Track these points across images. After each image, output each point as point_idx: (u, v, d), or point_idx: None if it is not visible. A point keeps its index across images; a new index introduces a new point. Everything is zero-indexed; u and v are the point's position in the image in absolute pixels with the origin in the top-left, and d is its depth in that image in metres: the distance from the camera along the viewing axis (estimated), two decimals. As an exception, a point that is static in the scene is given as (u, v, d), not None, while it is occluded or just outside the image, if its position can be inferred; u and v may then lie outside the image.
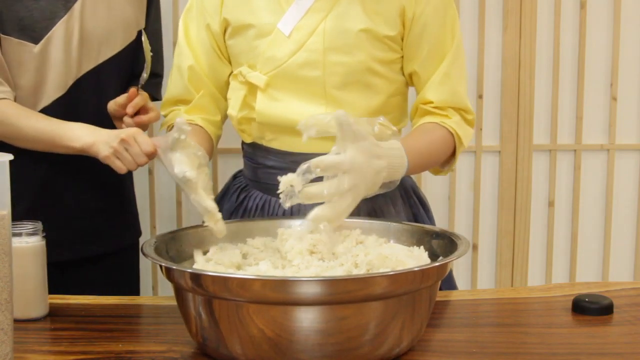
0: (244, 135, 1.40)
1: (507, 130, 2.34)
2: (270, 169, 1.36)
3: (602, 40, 2.35)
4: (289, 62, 1.29)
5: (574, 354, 0.97)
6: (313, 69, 1.29)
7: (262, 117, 1.33)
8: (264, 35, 1.31)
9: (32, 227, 1.12)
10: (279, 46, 1.30)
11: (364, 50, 1.29)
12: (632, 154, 2.42)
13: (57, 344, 1.03)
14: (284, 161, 1.34)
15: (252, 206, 1.40)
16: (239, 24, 1.33)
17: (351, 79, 1.30)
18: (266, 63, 1.31)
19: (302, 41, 1.29)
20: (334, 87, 1.30)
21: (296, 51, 1.29)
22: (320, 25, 1.28)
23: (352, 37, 1.28)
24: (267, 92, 1.32)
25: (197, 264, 1.06)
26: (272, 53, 1.30)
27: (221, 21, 1.36)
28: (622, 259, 2.45)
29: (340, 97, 1.30)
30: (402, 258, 1.01)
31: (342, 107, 1.28)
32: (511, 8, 2.30)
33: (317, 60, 1.29)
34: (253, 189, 1.42)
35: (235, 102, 1.36)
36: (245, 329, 0.89)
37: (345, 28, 1.28)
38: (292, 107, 1.31)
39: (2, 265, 0.87)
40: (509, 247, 2.39)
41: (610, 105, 2.38)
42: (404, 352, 0.96)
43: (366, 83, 1.31)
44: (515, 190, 2.36)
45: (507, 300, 1.22)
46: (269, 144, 1.36)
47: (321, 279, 0.87)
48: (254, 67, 1.32)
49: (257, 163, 1.40)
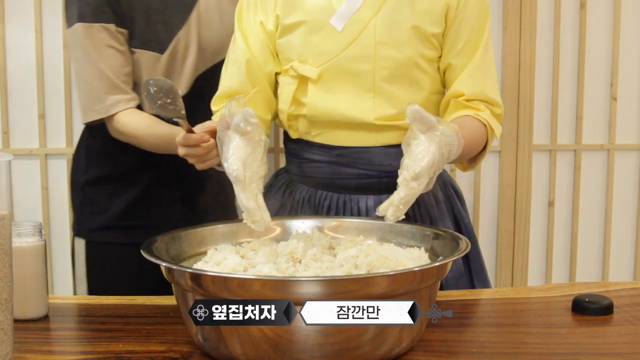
0: (290, 131, 1.44)
1: (507, 130, 2.34)
2: (316, 162, 1.41)
3: (602, 40, 2.35)
4: (341, 55, 1.34)
5: (574, 354, 0.97)
6: (364, 63, 1.33)
7: (313, 109, 1.37)
8: (316, 31, 1.35)
9: (32, 227, 1.12)
10: (332, 41, 1.34)
11: (412, 46, 1.33)
12: (632, 154, 2.42)
13: (57, 344, 1.03)
14: (330, 155, 1.39)
15: (299, 199, 1.43)
16: (290, 21, 1.37)
17: (399, 73, 1.34)
18: (318, 57, 1.35)
19: (355, 36, 1.33)
20: (383, 80, 1.34)
21: (348, 45, 1.33)
22: (372, 21, 1.33)
23: (403, 33, 1.32)
24: (318, 84, 1.35)
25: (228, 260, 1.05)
26: (324, 47, 1.34)
27: (274, 18, 1.39)
28: (622, 259, 2.45)
29: (388, 90, 1.34)
30: (402, 259, 1.01)
31: (389, 101, 1.34)
32: (511, 8, 2.30)
33: (368, 54, 1.33)
34: (299, 184, 1.46)
35: (286, 97, 1.39)
36: (245, 329, 0.89)
37: (396, 24, 1.32)
38: (343, 99, 1.35)
39: (2, 265, 0.87)
40: (509, 247, 2.39)
41: (610, 105, 2.38)
42: (404, 352, 0.96)
43: (412, 78, 1.35)
44: (515, 190, 2.36)
45: (507, 300, 1.22)
46: (315, 139, 1.40)
47: (321, 279, 0.87)
48: (305, 61, 1.36)
49: (303, 158, 1.43)
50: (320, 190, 1.42)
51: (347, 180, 1.39)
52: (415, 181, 1.04)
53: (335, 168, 1.39)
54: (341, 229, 1.21)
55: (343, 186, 1.40)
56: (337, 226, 1.22)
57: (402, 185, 1.06)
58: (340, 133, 1.37)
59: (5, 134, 2.31)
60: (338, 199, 1.40)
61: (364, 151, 1.37)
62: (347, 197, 1.40)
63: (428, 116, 1.07)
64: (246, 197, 1.08)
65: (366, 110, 1.34)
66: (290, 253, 1.05)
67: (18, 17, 2.28)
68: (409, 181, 1.05)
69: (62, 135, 2.34)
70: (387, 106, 1.34)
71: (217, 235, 1.17)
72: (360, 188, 1.39)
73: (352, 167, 1.38)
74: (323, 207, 1.40)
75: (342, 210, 1.39)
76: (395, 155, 1.34)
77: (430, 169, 1.06)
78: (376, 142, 1.36)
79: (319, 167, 1.40)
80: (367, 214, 1.37)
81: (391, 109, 1.34)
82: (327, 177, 1.40)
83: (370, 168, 1.37)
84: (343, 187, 1.40)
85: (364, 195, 1.39)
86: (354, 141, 1.36)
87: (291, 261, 1.04)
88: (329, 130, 1.38)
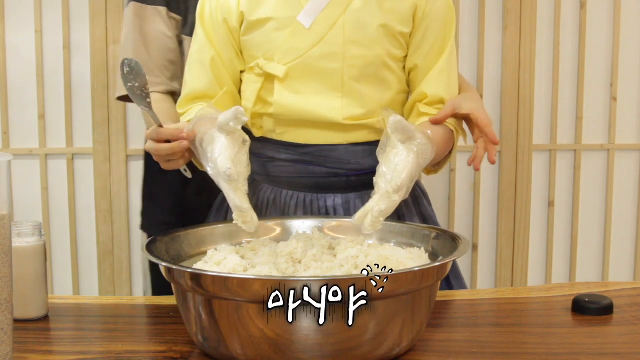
0: (254, 129, 1.40)
1: (507, 130, 2.34)
2: (282, 162, 1.37)
3: (602, 40, 2.35)
4: (309, 53, 1.31)
5: (574, 354, 0.97)
6: (332, 61, 1.31)
7: (279, 107, 1.33)
8: (282, 28, 1.32)
9: (32, 227, 1.12)
10: (299, 38, 1.31)
11: (381, 45, 1.31)
12: (632, 154, 2.42)
13: (57, 344, 1.03)
14: (296, 153, 1.35)
15: (264, 200, 1.40)
16: (256, 17, 1.34)
17: (368, 72, 1.32)
18: (285, 54, 1.32)
19: (323, 33, 1.31)
20: (352, 79, 1.32)
21: (317, 43, 1.31)
22: (340, 19, 1.31)
23: (372, 32, 1.31)
24: (285, 82, 1.33)
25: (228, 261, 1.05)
26: (291, 44, 1.31)
27: (238, 15, 1.36)
28: (622, 259, 2.45)
29: (357, 90, 1.32)
30: (402, 259, 1.01)
31: (357, 100, 1.31)
32: (511, 8, 2.30)
33: (337, 52, 1.31)
34: (262, 184, 1.43)
35: (250, 95, 1.36)
36: (245, 329, 0.89)
37: (365, 22, 1.31)
38: (311, 98, 1.32)
39: (2, 265, 0.87)
40: (509, 247, 2.39)
41: (610, 105, 2.38)
42: (404, 352, 0.96)
43: (381, 77, 1.34)
44: (515, 190, 2.36)
45: (507, 300, 1.22)
46: (280, 137, 1.37)
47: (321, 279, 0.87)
48: (271, 59, 1.33)
49: (267, 157, 1.39)
50: (286, 190, 1.39)
51: (314, 179, 1.36)
52: (397, 193, 1.06)
53: (301, 167, 1.36)
54: (341, 229, 1.21)
55: (310, 185, 1.37)
56: (337, 226, 1.22)
57: (382, 197, 1.07)
58: (307, 132, 1.34)
59: (5, 134, 2.31)
60: (305, 198, 1.37)
61: (331, 149, 1.34)
62: (314, 196, 1.37)
63: (408, 126, 1.08)
64: (238, 197, 1.07)
65: (335, 110, 1.31)
66: (289, 254, 1.05)
67: (18, 17, 2.28)
68: (390, 194, 1.06)
69: (62, 135, 2.34)
70: (356, 106, 1.31)
71: (217, 236, 1.17)
72: (327, 187, 1.37)
73: (319, 166, 1.35)
74: (289, 206, 1.38)
75: (309, 209, 1.37)
76: (362, 154, 1.34)
77: (410, 181, 1.08)
78: (344, 141, 1.34)
79: (284, 166, 1.37)
80: (334, 212, 1.36)
81: (359, 109, 1.32)
82: (293, 176, 1.37)
83: (338, 166, 1.35)
84: (310, 186, 1.37)
85: (331, 194, 1.37)
86: (321, 139, 1.33)
87: (291, 262, 1.03)
88: (295, 129, 1.35)
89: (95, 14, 2.27)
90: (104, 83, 2.30)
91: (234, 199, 1.07)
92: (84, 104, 2.32)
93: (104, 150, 2.32)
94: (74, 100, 2.32)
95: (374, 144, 1.32)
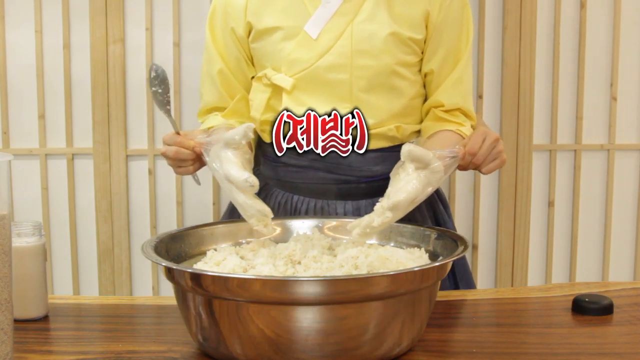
0: (264, 134, 1.39)
1: (507, 130, 2.34)
2: (291, 167, 1.36)
3: (602, 40, 2.35)
4: (316, 64, 1.29)
5: (574, 354, 0.97)
6: (340, 72, 1.29)
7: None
8: (290, 38, 1.30)
9: (32, 227, 1.12)
10: (306, 48, 1.29)
11: (390, 53, 1.29)
12: (632, 154, 2.42)
13: (57, 344, 1.03)
14: (305, 159, 1.34)
15: (274, 204, 1.39)
16: (263, 26, 1.33)
17: (377, 81, 1.30)
18: (292, 65, 1.30)
19: (330, 44, 1.29)
20: (360, 90, 1.30)
21: (324, 54, 1.29)
22: (347, 29, 1.29)
23: (380, 41, 1.28)
24: (292, 94, 1.31)
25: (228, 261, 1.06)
26: (298, 55, 1.30)
27: (245, 24, 1.35)
28: (622, 259, 2.45)
29: (365, 100, 1.30)
30: (402, 259, 1.01)
31: (366, 110, 1.30)
32: (511, 8, 2.30)
33: (345, 63, 1.29)
34: (274, 188, 1.42)
35: (258, 104, 1.35)
36: (245, 329, 0.89)
37: (373, 32, 1.28)
38: (319, 110, 1.30)
39: (2, 265, 0.87)
40: (509, 247, 2.39)
41: (610, 105, 2.38)
42: (404, 352, 0.96)
43: (391, 86, 1.32)
44: (515, 190, 2.36)
45: (507, 300, 1.22)
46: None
47: (321, 278, 0.87)
48: (279, 69, 1.32)
49: (278, 162, 1.38)
50: (297, 195, 1.38)
51: (326, 186, 1.35)
52: (391, 211, 1.07)
53: (312, 173, 1.34)
54: (341, 230, 1.20)
55: (320, 191, 1.36)
56: (337, 227, 1.21)
57: (377, 212, 1.09)
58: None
59: (5, 134, 2.31)
60: (315, 204, 1.36)
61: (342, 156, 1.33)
62: (325, 203, 1.36)
63: (423, 155, 1.09)
64: (258, 204, 1.11)
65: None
66: (288, 255, 1.05)
67: (18, 17, 2.28)
68: (385, 209, 1.08)
69: (62, 135, 2.34)
70: (366, 116, 1.30)
71: (216, 236, 1.17)
72: (338, 194, 1.35)
73: (330, 173, 1.34)
74: (300, 212, 1.36)
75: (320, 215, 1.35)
76: (373, 160, 1.33)
77: (409, 204, 1.09)
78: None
79: (295, 171, 1.36)
80: None
81: (369, 119, 1.30)
82: (304, 182, 1.36)
83: (349, 173, 1.33)
84: (320, 193, 1.36)
85: (342, 201, 1.36)
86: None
87: (290, 263, 1.04)
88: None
89: (95, 14, 2.28)
90: (104, 83, 2.30)
91: (254, 205, 1.10)
92: (84, 104, 2.32)
93: (104, 150, 2.32)
94: (74, 100, 2.32)
95: (386, 150, 1.33)
